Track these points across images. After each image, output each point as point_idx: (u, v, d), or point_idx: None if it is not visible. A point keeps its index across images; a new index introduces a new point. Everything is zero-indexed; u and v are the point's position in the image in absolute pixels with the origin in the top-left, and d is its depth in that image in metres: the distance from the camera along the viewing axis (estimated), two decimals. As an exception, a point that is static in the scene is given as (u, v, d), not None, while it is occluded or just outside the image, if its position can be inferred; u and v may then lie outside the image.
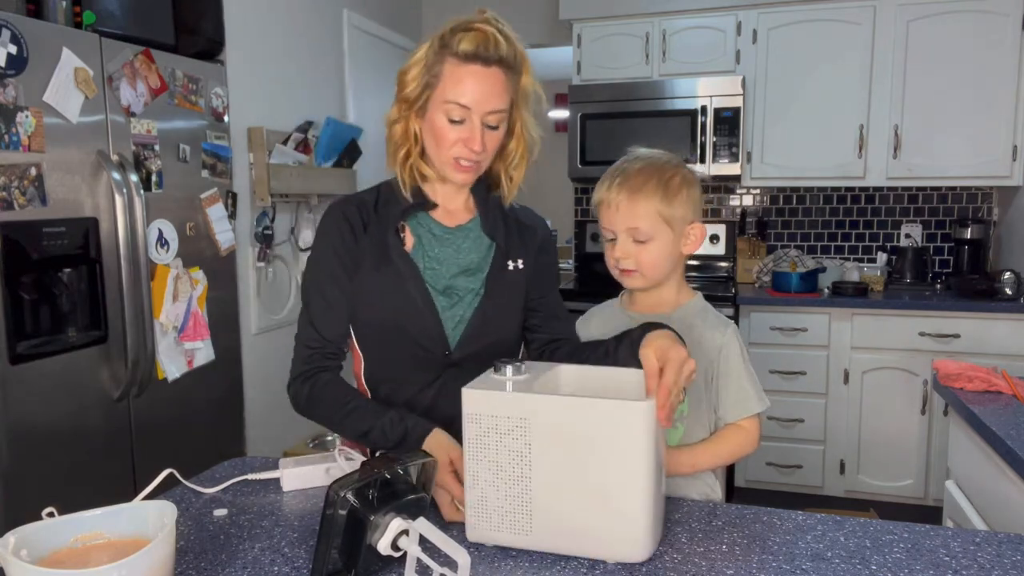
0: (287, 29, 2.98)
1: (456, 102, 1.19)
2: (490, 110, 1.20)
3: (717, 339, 1.25)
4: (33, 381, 1.87)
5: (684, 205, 1.23)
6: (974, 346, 3.01)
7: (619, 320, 1.32)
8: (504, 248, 1.32)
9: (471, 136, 1.20)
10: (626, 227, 1.23)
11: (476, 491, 0.97)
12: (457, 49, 1.18)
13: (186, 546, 1.00)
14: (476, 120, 1.20)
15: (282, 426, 2.85)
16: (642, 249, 1.23)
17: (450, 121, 1.20)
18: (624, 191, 1.22)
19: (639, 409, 0.90)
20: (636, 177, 1.23)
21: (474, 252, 1.31)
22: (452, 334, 1.28)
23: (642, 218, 1.22)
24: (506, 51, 1.20)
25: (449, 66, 1.19)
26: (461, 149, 1.21)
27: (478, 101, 1.19)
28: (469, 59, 1.18)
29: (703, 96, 3.39)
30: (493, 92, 1.20)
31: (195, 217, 2.41)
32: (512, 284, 1.32)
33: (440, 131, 1.21)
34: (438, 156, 1.24)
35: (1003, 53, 3.14)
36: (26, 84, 1.83)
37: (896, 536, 1.00)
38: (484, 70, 1.19)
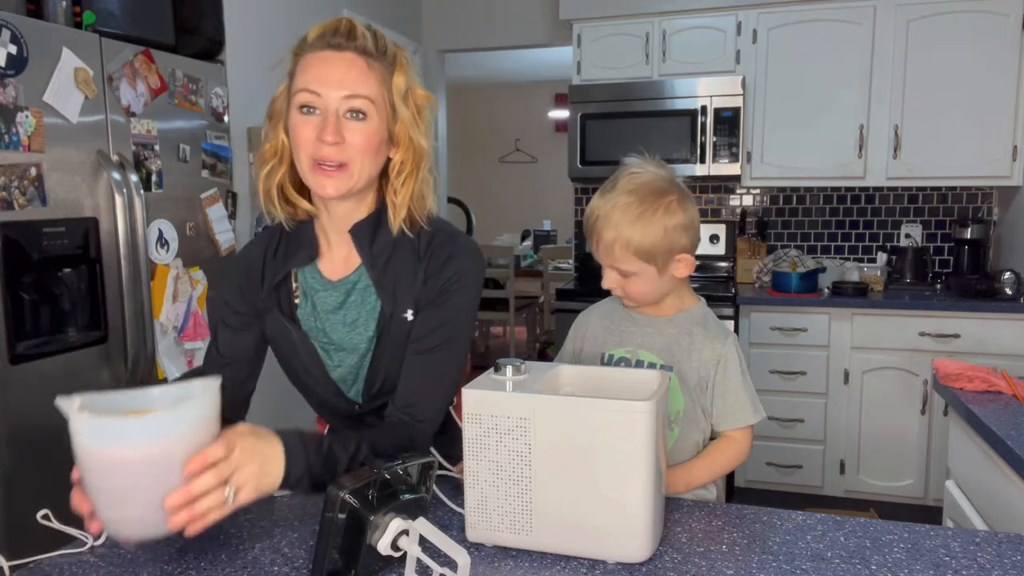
0: (287, 29, 2.97)
1: (305, 88, 1.07)
2: (346, 94, 1.06)
3: (717, 349, 1.25)
4: (33, 381, 1.87)
5: (666, 240, 1.20)
6: (974, 346, 3.01)
7: (619, 316, 1.33)
8: (391, 299, 1.15)
9: (325, 125, 1.06)
10: (607, 264, 1.24)
11: (476, 491, 0.97)
12: (308, 42, 1.11)
13: (186, 546, 1.00)
14: (331, 107, 1.06)
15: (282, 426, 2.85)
16: (628, 282, 1.24)
17: (302, 111, 1.07)
18: (605, 228, 1.21)
19: (640, 409, 0.91)
20: (616, 214, 1.21)
21: (360, 306, 1.18)
22: (351, 391, 1.22)
23: (620, 259, 1.21)
24: (363, 39, 1.10)
25: (302, 62, 1.10)
26: (316, 144, 1.07)
27: (328, 83, 1.06)
28: (317, 46, 1.09)
29: (703, 96, 3.39)
30: (348, 76, 1.07)
31: (195, 217, 2.41)
32: (403, 334, 1.15)
33: (295, 128, 1.08)
34: (300, 164, 1.10)
35: (1003, 53, 3.14)
36: (26, 84, 1.83)
37: (896, 536, 1.00)
38: (336, 54, 1.08)
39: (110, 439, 0.78)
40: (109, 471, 0.79)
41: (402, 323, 1.15)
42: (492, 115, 7.55)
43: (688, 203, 1.23)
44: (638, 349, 1.28)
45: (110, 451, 0.78)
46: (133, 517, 0.81)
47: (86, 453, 0.79)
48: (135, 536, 0.84)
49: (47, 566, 0.95)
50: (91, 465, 0.79)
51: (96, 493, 0.81)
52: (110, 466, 0.79)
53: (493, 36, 4.09)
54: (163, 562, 0.95)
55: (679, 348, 1.26)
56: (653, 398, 0.92)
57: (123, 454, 0.78)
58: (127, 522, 0.82)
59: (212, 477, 0.84)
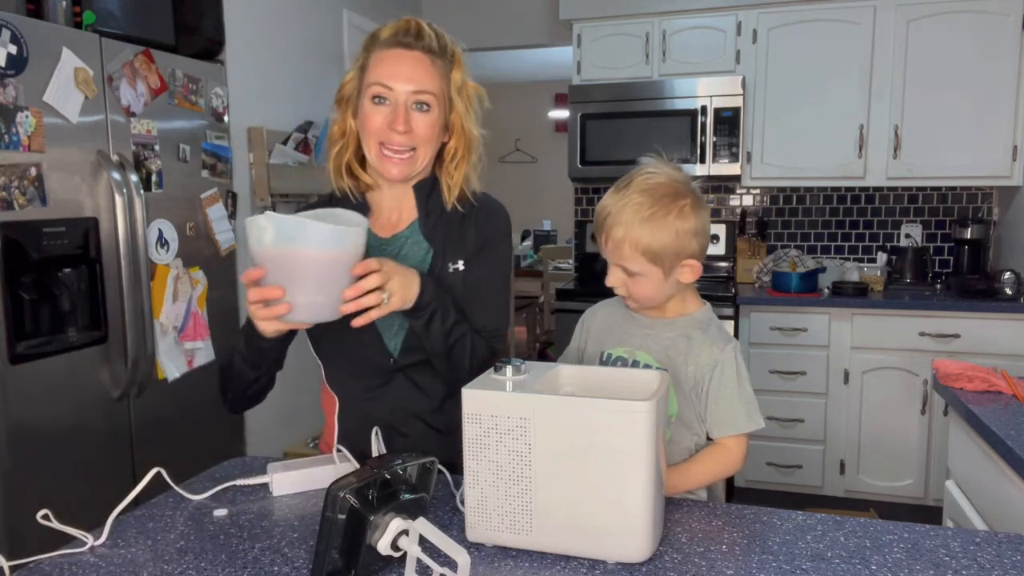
0: (287, 29, 2.98)
1: (379, 82, 1.21)
2: (415, 89, 1.21)
3: (715, 354, 1.22)
4: (33, 381, 1.87)
5: (676, 244, 1.18)
6: (974, 346, 3.01)
7: (621, 316, 1.32)
8: (442, 250, 1.29)
9: (396, 116, 1.20)
10: (614, 262, 1.22)
11: (476, 491, 0.97)
12: (381, 38, 1.23)
13: (186, 546, 1.00)
14: (401, 99, 1.21)
15: (282, 426, 2.85)
16: (632, 281, 1.22)
17: (374, 101, 1.21)
18: (615, 226, 1.19)
19: (639, 409, 0.90)
20: (628, 212, 1.18)
21: (411, 258, 1.29)
22: (393, 342, 1.28)
23: (628, 259, 1.20)
24: (429, 39, 1.22)
25: (375, 55, 1.23)
26: (386, 132, 1.21)
27: (399, 79, 1.20)
28: (389, 44, 1.22)
29: (703, 96, 3.39)
30: (416, 72, 1.21)
31: (195, 217, 2.41)
32: (451, 287, 1.28)
33: (367, 116, 1.22)
34: (368, 148, 1.24)
35: (1003, 53, 3.14)
36: (26, 84, 1.83)
37: (896, 536, 1.00)
38: (406, 52, 1.22)
39: (340, 243, 1.03)
40: (317, 265, 1.02)
41: (451, 275, 1.28)
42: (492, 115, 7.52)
43: (701, 209, 1.21)
44: (636, 350, 1.28)
45: (323, 251, 1.02)
46: (321, 302, 1.05)
47: (303, 252, 1.01)
48: (312, 319, 1.09)
49: (47, 566, 0.95)
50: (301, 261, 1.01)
51: (295, 284, 1.03)
52: (319, 262, 1.02)
53: (493, 36, 4.09)
54: (163, 562, 0.95)
55: (676, 352, 1.25)
56: (653, 398, 0.92)
57: (330, 254, 1.02)
58: (314, 306, 1.05)
59: (376, 279, 1.08)
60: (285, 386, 1.39)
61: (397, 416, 1.29)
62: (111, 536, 1.03)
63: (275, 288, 1.03)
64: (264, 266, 1.03)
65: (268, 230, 1.00)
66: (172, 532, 1.04)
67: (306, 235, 1.01)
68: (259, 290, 1.05)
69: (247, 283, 1.07)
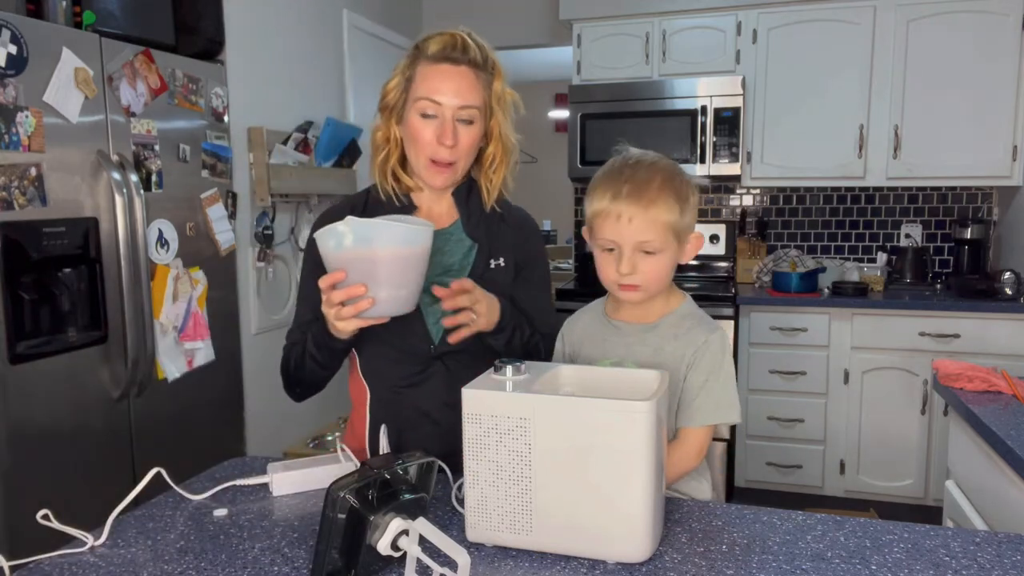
0: (287, 29, 2.98)
1: (428, 98, 1.25)
2: (461, 104, 1.26)
3: (698, 341, 1.18)
4: (33, 381, 1.87)
5: (691, 215, 1.17)
6: (974, 346, 3.01)
7: (602, 327, 1.27)
8: (486, 247, 1.35)
9: (443, 131, 1.25)
10: (636, 240, 1.13)
11: (476, 491, 0.97)
12: (429, 52, 1.27)
13: (186, 546, 1.00)
14: (448, 114, 1.26)
15: (282, 426, 2.85)
16: (648, 262, 1.15)
17: (423, 117, 1.26)
18: (639, 203, 1.12)
19: (639, 409, 0.90)
20: (648, 186, 1.13)
21: (456, 254, 1.35)
22: (434, 330, 1.32)
23: (655, 231, 1.13)
24: (474, 53, 1.27)
25: (422, 68, 1.27)
26: (435, 147, 1.27)
27: (448, 95, 1.25)
28: (438, 59, 1.26)
29: (703, 96, 3.39)
30: (463, 88, 1.26)
31: (195, 217, 2.41)
32: (495, 281, 1.33)
33: (415, 130, 1.27)
34: (416, 159, 1.30)
35: (1003, 53, 3.14)
36: (26, 84, 1.83)
37: (896, 536, 1.00)
38: (454, 68, 1.26)
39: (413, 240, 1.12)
40: (396, 261, 1.10)
41: (493, 271, 1.35)
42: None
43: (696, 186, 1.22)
44: (623, 361, 1.22)
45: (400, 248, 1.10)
46: (403, 295, 1.13)
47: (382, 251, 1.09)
48: (393, 312, 1.15)
49: (47, 566, 0.95)
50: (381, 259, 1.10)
51: (377, 281, 1.10)
52: (397, 258, 1.11)
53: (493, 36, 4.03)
54: (163, 562, 0.95)
55: (662, 357, 1.19)
56: (653, 398, 0.92)
57: (407, 250, 1.11)
58: (396, 300, 1.13)
59: (467, 299, 1.19)
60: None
61: (432, 404, 1.32)
62: (111, 536, 1.03)
63: (358, 286, 1.10)
64: (344, 269, 1.10)
65: (348, 235, 1.09)
66: (172, 532, 1.04)
67: (384, 235, 1.10)
68: (344, 289, 1.11)
69: (325, 287, 1.13)
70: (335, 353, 1.28)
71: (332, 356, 1.29)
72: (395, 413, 1.33)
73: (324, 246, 1.12)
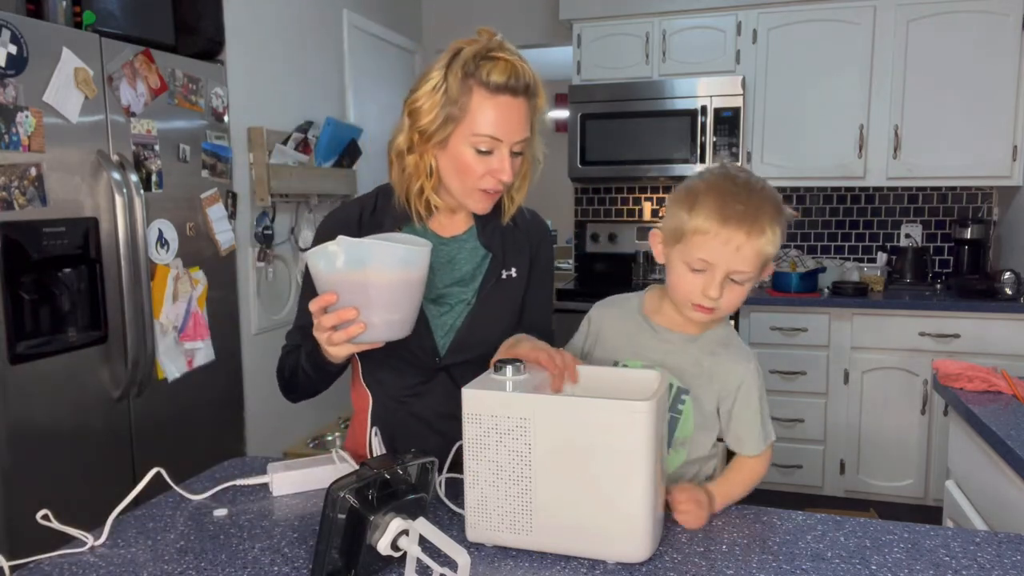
0: (287, 29, 2.98)
1: (488, 135, 1.16)
2: (518, 139, 1.19)
3: (739, 371, 1.16)
4: (33, 381, 1.87)
5: (778, 245, 1.11)
6: (974, 346, 3.01)
7: (637, 324, 1.23)
8: (500, 257, 1.31)
9: (501, 167, 1.18)
10: (733, 268, 1.08)
11: (476, 491, 0.97)
12: (487, 80, 1.15)
13: (186, 546, 1.00)
14: (505, 151, 1.18)
15: (282, 426, 2.85)
16: (734, 290, 1.11)
17: (478, 152, 1.18)
18: (749, 233, 1.07)
19: (639, 409, 0.90)
20: (760, 216, 1.07)
21: (468, 263, 1.31)
22: (442, 341, 1.29)
23: (753, 263, 1.09)
24: (530, 79, 1.19)
25: (478, 98, 1.15)
26: (489, 180, 1.20)
27: (509, 132, 1.17)
28: (500, 90, 1.15)
29: (703, 96, 3.39)
30: (521, 122, 1.19)
31: (195, 217, 2.41)
32: (505, 292, 1.31)
33: (467, 164, 1.19)
34: (461, 187, 1.22)
35: (1003, 53, 3.14)
36: (26, 84, 1.83)
37: (896, 536, 1.00)
38: (513, 100, 1.17)
39: (410, 263, 1.06)
40: (390, 285, 1.05)
41: (505, 281, 1.31)
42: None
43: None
44: (656, 366, 1.17)
45: (395, 271, 1.05)
46: (397, 320, 1.08)
47: (376, 274, 1.03)
48: (387, 337, 1.09)
49: (47, 566, 0.95)
50: (375, 282, 1.03)
51: (370, 305, 1.05)
52: (392, 281, 1.05)
53: (493, 36, 4.08)
54: (163, 562, 0.95)
55: (699, 371, 1.17)
56: (653, 398, 0.92)
57: (403, 273, 1.05)
58: (390, 324, 1.08)
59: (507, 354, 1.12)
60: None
61: (435, 414, 1.29)
62: (111, 536, 1.03)
63: (349, 309, 1.04)
64: (335, 291, 1.05)
65: (340, 255, 1.03)
66: (172, 532, 1.04)
67: (378, 257, 1.04)
68: (335, 313, 1.05)
69: (316, 311, 1.07)
70: (329, 374, 1.24)
71: (326, 376, 1.24)
72: (397, 421, 1.31)
73: (314, 267, 1.07)
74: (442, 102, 1.16)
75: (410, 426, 1.30)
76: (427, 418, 1.29)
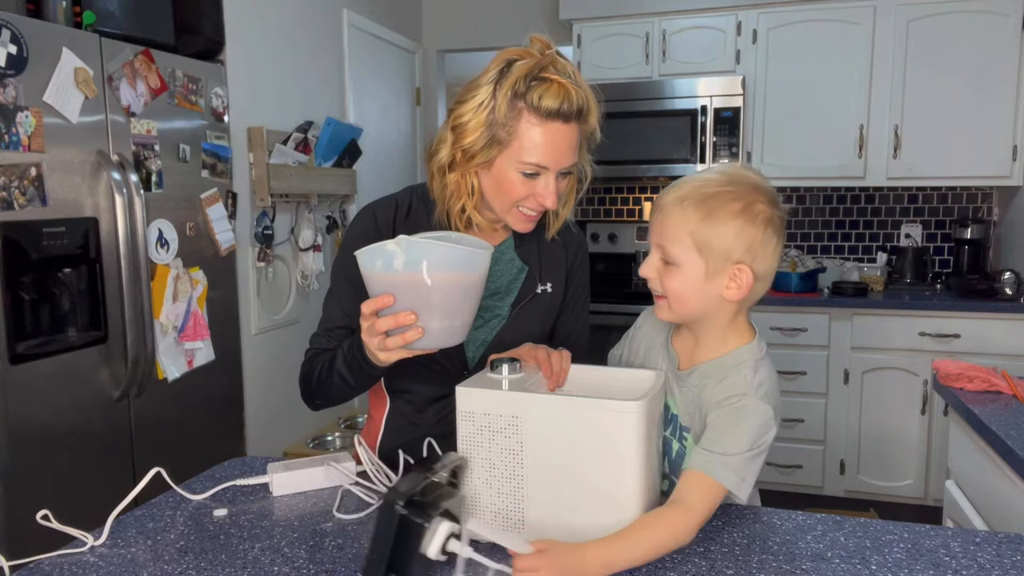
0: (287, 29, 2.98)
1: (538, 163, 1.12)
2: (567, 165, 1.15)
3: (736, 389, 1.01)
4: (33, 381, 1.87)
5: (729, 238, 0.99)
6: (974, 346, 3.01)
7: (661, 347, 1.16)
8: (536, 271, 1.28)
9: (546, 193, 1.14)
10: (656, 241, 1.05)
11: (470, 488, 0.98)
12: (537, 104, 1.10)
13: (186, 546, 1.00)
14: (551, 176, 1.14)
15: (282, 426, 2.85)
16: (668, 273, 1.03)
17: (525, 175, 1.14)
18: (668, 199, 1.03)
19: (630, 408, 0.91)
20: (688, 187, 1.02)
21: (504, 276, 1.27)
22: (472, 354, 1.27)
23: (671, 238, 1.02)
24: (583, 103, 1.14)
25: (526, 123, 1.11)
26: (532, 202, 1.16)
27: (557, 160, 1.13)
28: (551, 116, 1.11)
29: (703, 96, 3.39)
30: (570, 148, 1.14)
31: (195, 217, 2.41)
32: (539, 308, 1.29)
33: (511, 186, 1.15)
34: (503, 206, 1.18)
35: (1003, 53, 3.14)
36: (26, 84, 1.83)
37: (896, 536, 1.00)
38: (564, 127, 1.12)
39: (473, 266, 1.01)
40: (459, 289, 1.00)
41: (540, 295, 1.28)
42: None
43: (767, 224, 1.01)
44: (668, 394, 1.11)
45: (457, 274, 1.00)
46: (457, 325, 1.03)
47: (438, 276, 0.98)
48: (444, 343, 1.04)
49: (47, 566, 0.95)
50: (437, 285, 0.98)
51: (430, 309, 0.99)
52: (453, 285, 1.00)
53: (493, 36, 4.08)
54: (163, 562, 0.95)
55: (695, 408, 1.06)
56: (644, 398, 0.92)
57: (465, 276, 1.00)
58: (448, 330, 1.02)
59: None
60: (285, 386, 1.39)
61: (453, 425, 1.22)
62: (111, 536, 1.03)
63: (408, 313, 0.99)
64: (392, 293, 0.99)
65: (399, 255, 0.97)
66: (172, 532, 1.04)
67: (440, 259, 0.98)
68: (392, 317, 0.99)
69: (368, 313, 1.02)
70: (371, 379, 1.18)
71: (367, 381, 1.18)
72: (413, 429, 1.27)
73: (369, 266, 1.00)
74: (488, 122, 1.11)
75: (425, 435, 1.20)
76: (442, 431, 1.22)
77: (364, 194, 3.35)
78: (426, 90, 4.23)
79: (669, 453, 1.11)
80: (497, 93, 1.11)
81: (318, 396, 1.25)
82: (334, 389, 1.20)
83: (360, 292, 1.12)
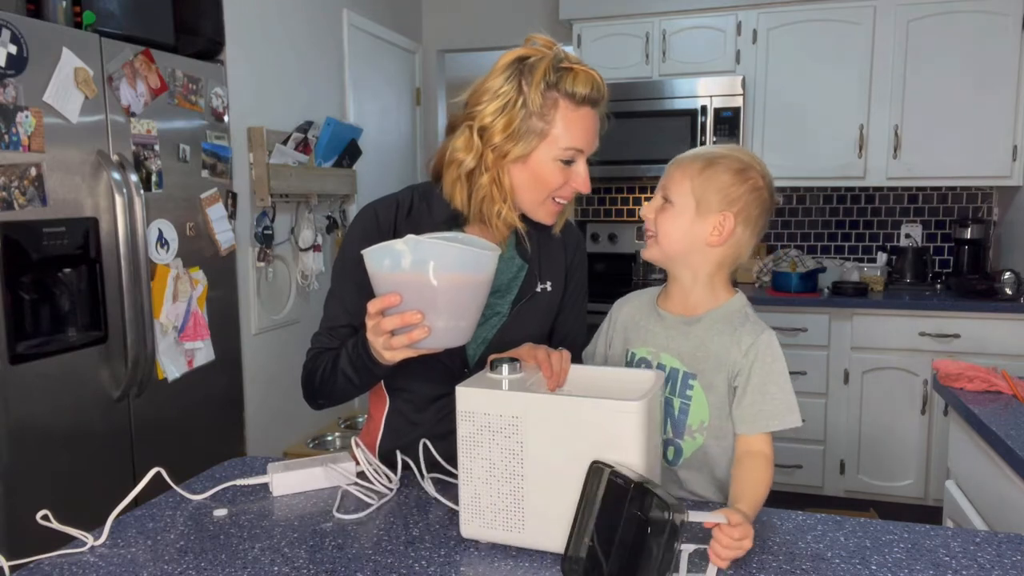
0: (287, 29, 2.98)
1: (574, 147, 1.16)
2: (595, 149, 1.21)
3: (745, 341, 1.14)
4: (33, 381, 1.87)
5: (720, 192, 1.13)
6: (974, 346, 3.01)
7: (646, 313, 1.25)
8: (536, 269, 1.29)
9: (582, 177, 1.19)
10: (661, 185, 1.19)
11: (470, 488, 0.98)
12: (572, 91, 1.14)
13: (186, 546, 1.00)
14: (583, 161, 1.19)
15: (282, 426, 2.85)
16: (664, 211, 1.16)
17: (563, 163, 1.17)
18: (681, 156, 1.19)
19: (630, 409, 0.90)
20: (700, 150, 1.19)
21: (504, 273, 1.28)
22: (473, 353, 1.27)
23: (674, 181, 1.16)
24: (606, 90, 1.20)
25: (563, 110, 1.15)
26: (567, 190, 1.20)
27: (590, 143, 1.19)
28: (584, 102, 1.16)
29: (703, 96, 3.39)
30: (597, 132, 1.21)
31: (195, 217, 2.41)
32: (539, 306, 1.30)
33: (548, 173, 1.17)
34: (535, 199, 1.20)
35: (1003, 53, 3.14)
36: (26, 84, 1.83)
37: (896, 536, 1.00)
38: (592, 112, 1.18)
39: (481, 267, 1.02)
40: (467, 290, 1.01)
41: (540, 294, 1.30)
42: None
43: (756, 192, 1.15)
44: (660, 351, 1.20)
45: (464, 274, 1.00)
46: (463, 326, 1.03)
47: (445, 276, 0.99)
48: (450, 343, 1.05)
49: (47, 566, 0.95)
50: (443, 285, 0.99)
51: (436, 309, 1.00)
52: (460, 285, 1.00)
53: (493, 36, 4.08)
54: (163, 562, 0.95)
55: (704, 353, 1.16)
56: (644, 398, 0.92)
57: (472, 277, 1.01)
58: (454, 331, 1.03)
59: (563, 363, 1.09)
60: (286, 386, 1.39)
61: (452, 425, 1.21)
62: (111, 536, 1.03)
63: (415, 313, 1.00)
64: (398, 292, 1.00)
65: (407, 254, 0.98)
66: (172, 532, 1.04)
67: (448, 259, 0.99)
68: (398, 316, 1.00)
69: (374, 312, 1.02)
70: (375, 378, 1.18)
71: (371, 379, 1.18)
72: (413, 429, 1.27)
73: (376, 265, 1.00)
74: (522, 115, 1.14)
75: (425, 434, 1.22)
76: (441, 431, 1.23)
77: (364, 194, 3.35)
78: (426, 90, 4.23)
79: (672, 413, 1.17)
80: (524, 87, 1.13)
81: (321, 395, 1.25)
82: (338, 388, 1.21)
83: (362, 290, 1.12)
